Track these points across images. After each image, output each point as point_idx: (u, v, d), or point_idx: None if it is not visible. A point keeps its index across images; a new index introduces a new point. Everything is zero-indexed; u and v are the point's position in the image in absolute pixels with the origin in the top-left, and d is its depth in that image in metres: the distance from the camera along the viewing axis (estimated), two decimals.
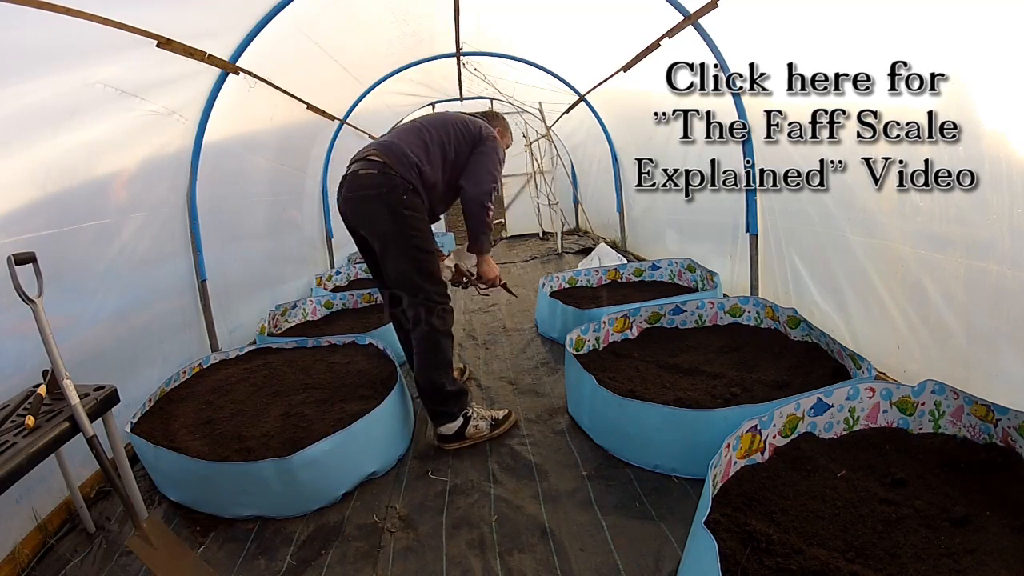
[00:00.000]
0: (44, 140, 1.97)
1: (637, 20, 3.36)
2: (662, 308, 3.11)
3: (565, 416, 2.46)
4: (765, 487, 1.59)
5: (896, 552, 1.34)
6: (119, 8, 1.98)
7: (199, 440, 2.13)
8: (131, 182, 2.53)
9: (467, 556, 1.65)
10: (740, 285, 3.52)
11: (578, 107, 5.88)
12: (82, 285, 2.22)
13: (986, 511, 1.46)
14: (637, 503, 1.82)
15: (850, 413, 1.86)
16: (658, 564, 1.55)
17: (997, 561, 1.28)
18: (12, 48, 1.73)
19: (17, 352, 1.85)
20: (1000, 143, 1.71)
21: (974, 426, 1.72)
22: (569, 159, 7.61)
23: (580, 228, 7.87)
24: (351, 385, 2.51)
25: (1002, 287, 1.75)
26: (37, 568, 1.74)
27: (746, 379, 2.32)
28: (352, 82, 4.82)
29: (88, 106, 2.13)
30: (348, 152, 2.32)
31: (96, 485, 2.12)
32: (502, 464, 2.13)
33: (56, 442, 1.55)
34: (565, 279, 4.26)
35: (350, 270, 5.32)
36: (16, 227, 1.87)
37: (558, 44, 4.65)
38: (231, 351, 3.02)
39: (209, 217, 3.10)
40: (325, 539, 1.77)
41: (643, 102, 3.91)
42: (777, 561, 1.29)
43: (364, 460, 2.04)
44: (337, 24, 3.59)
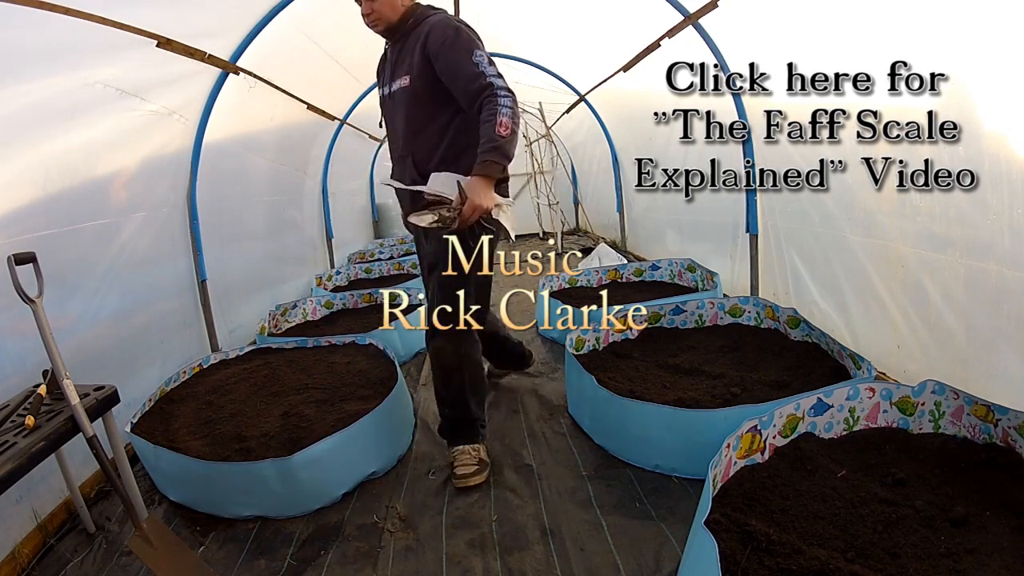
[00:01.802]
0: (44, 140, 1.97)
1: (637, 20, 3.36)
2: (662, 308, 3.11)
3: (565, 416, 2.46)
4: (765, 487, 1.59)
5: (896, 552, 1.34)
6: (119, 8, 1.99)
7: (199, 440, 2.13)
8: (131, 182, 2.53)
9: (467, 556, 1.65)
10: (740, 285, 3.52)
11: (578, 107, 5.88)
12: (82, 285, 2.22)
13: (986, 511, 1.46)
14: (637, 503, 1.82)
15: (850, 413, 1.86)
16: (658, 564, 1.55)
17: (997, 561, 1.28)
18: (12, 48, 1.73)
19: (17, 352, 1.85)
20: (1000, 143, 1.71)
21: (974, 426, 1.72)
22: (569, 159, 7.61)
23: (580, 228, 7.86)
24: (351, 385, 2.51)
25: (1002, 287, 1.75)
26: (37, 568, 1.74)
27: (746, 379, 2.32)
28: (352, 82, 4.82)
29: (88, 106, 2.13)
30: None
31: (96, 485, 2.12)
32: (502, 464, 2.13)
33: (56, 442, 1.55)
34: (565, 279, 4.26)
35: (350, 270, 5.32)
36: (16, 227, 1.87)
37: (558, 44, 4.65)
38: (231, 351, 3.02)
39: (209, 217, 3.10)
40: (325, 539, 1.77)
41: (643, 102, 3.91)
42: (777, 561, 1.29)
43: (364, 460, 2.04)
44: (337, 24, 3.59)
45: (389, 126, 2.06)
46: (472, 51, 1.77)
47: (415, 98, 1.88)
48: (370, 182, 7.54)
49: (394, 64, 1.96)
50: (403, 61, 1.91)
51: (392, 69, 1.97)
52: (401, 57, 1.92)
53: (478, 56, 1.77)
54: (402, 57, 1.91)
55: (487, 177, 1.72)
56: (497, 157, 1.70)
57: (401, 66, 1.91)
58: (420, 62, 1.84)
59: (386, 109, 2.06)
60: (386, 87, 2.01)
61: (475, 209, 1.70)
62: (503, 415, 2.53)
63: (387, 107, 2.04)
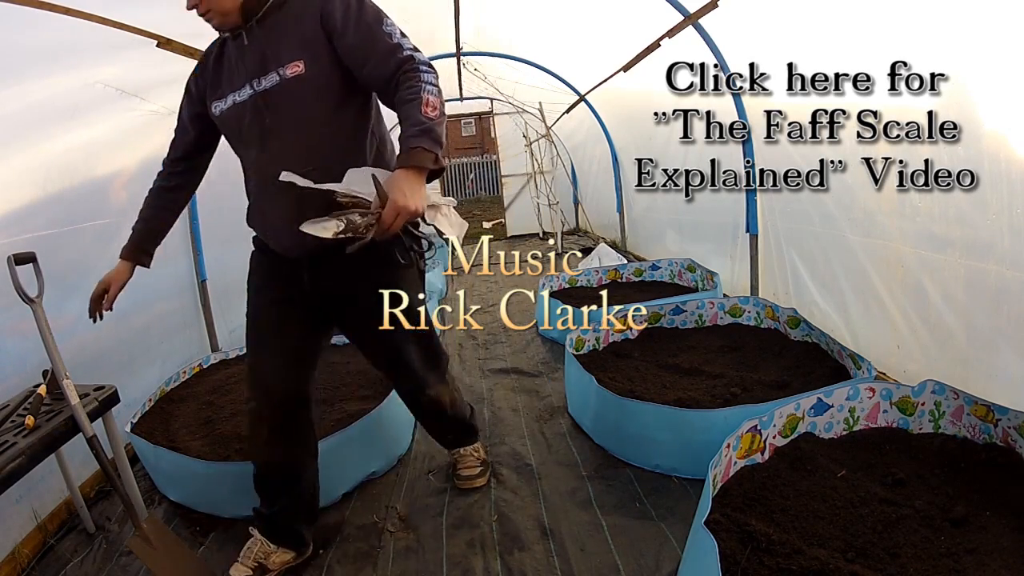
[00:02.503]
0: (44, 140, 1.97)
1: (637, 20, 3.36)
2: (662, 308, 3.11)
3: (565, 416, 2.46)
4: (765, 487, 1.59)
5: (896, 552, 1.34)
6: (119, 8, 1.98)
7: (199, 440, 2.13)
8: (131, 182, 2.53)
9: (467, 556, 1.65)
10: (740, 285, 3.52)
11: (578, 107, 5.88)
12: (82, 285, 2.21)
13: (986, 511, 1.46)
14: (637, 503, 1.82)
15: (850, 413, 1.86)
16: (658, 564, 1.55)
17: (997, 561, 1.28)
18: (12, 48, 1.73)
19: (17, 352, 1.85)
20: (1000, 143, 1.71)
21: (974, 426, 1.72)
22: (569, 159, 7.61)
23: (580, 228, 7.86)
24: (351, 385, 2.51)
25: (1002, 287, 1.75)
26: (37, 568, 1.74)
27: (746, 379, 2.32)
28: None
29: (88, 106, 2.13)
30: None
31: (96, 485, 2.12)
32: (502, 464, 2.13)
33: (56, 442, 1.55)
34: (565, 279, 4.26)
35: None
36: (16, 227, 1.88)
37: (558, 44, 4.65)
38: (231, 351, 3.02)
39: (209, 217, 3.10)
40: (325, 539, 1.77)
41: (643, 102, 3.91)
42: (777, 561, 1.29)
43: (364, 460, 2.05)
44: None
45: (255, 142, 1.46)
46: (382, 19, 1.40)
47: (318, 90, 1.40)
48: None
49: (259, 55, 1.41)
50: (279, 46, 1.40)
51: (255, 62, 1.41)
52: (271, 42, 1.41)
53: (389, 25, 1.40)
54: (273, 42, 1.40)
55: (417, 169, 1.27)
56: (427, 143, 1.27)
57: (277, 53, 1.40)
58: (316, 41, 1.38)
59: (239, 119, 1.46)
60: (241, 89, 1.43)
61: (399, 212, 1.24)
62: (503, 415, 2.53)
63: (243, 116, 1.45)
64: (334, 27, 1.37)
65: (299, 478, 1.63)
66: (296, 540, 1.65)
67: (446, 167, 1.41)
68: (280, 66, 1.39)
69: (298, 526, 1.65)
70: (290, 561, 1.64)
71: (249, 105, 1.43)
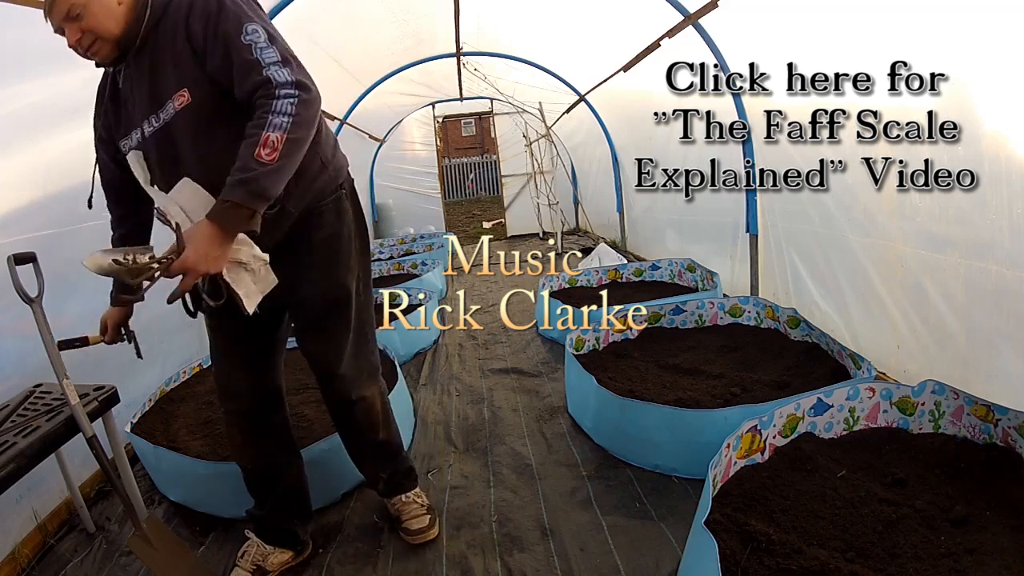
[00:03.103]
0: (44, 140, 1.97)
1: (637, 20, 3.37)
2: (662, 308, 3.11)
3: (565, 416, 2.46)
4: (765, 487, 1.59)
5: (896, 552, 1.35)
6: None
7: (199, 440, 2.13)
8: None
9: (467, 556, 1.65)
10: (740, 285, 3.52)
11: (578, 107, 5.88)
12: (82, 285, 2.22)
13: (986, 511, 1.46)
14: (637, 503, 1.83)
15: (850, 413, 1.86)
16: (658, 564, 1.55)
17: (997, 561, 1.28)
18: (12, 48, 1.73)
19: (17, 352, 1.85)
20: (1000, 143, 1.71)
21: (974, 426, 1.72)
22: (569, 159, 7.61)
23: (580, 228, 7.86)
24: None
25: (1002, 287, 1.75)
26: (37, 568, 1.74)
27: (746, 379, 2.32)
28: (352, 82, 4.82)
29: (89, 106, 2.11)
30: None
31: (96, 485, 2.12)
32: (502, 464, 2.13)
33: (56, 442, 1.55)
34: (565, 279, 4.26)
35: None
36: (16, 227, 1.87)
37: (558, 44, 4.66)
38: None
39: None
40: (325, 539, 1.77)
41: (643, 102, 3.91)
42: (777, 561, 1.29)
43: None
44: (337, 24, 3.59)
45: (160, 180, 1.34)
46: (243, 25, 1.18)
47: (210, 116, 1.25)
48: (370, 182, 7.53)
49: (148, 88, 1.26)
50: (163, 74, 1.25)
51: (146, 97, 1.27)
52: (155, 70, 1.25)
53: (252, 32, 1.17)
54: (157, 69, 1.25)
55: (223, 226, 1.13)
56: (242, 196, 1.11)
57: (162, 83, 1.25)
58: (191, 63, 1.23)
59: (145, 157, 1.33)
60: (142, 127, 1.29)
61: (187, 271, 1.13)
62: (503, 415, 2.53)
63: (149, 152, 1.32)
64: (198, 46, 1.22)
65: (281, 477, 1.64)
66: (291, 539, 1.65)
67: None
68: (168, 98, 1.25)
69: (291, 525, 1.65)
70: (289, 561, 1.65)
71: (151, 142, 1.30)
